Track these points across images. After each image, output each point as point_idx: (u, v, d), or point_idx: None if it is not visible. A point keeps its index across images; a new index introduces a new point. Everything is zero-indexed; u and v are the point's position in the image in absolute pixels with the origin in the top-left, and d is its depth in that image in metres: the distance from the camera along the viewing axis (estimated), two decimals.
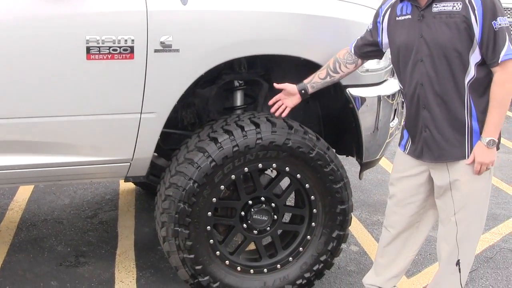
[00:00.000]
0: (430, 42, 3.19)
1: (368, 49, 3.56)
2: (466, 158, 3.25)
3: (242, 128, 3.65)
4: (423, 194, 3.54)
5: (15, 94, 3.30)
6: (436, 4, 3.17)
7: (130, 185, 5.87)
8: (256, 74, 4.11)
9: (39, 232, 4.94)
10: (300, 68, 3.95)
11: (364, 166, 4.21)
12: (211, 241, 3.77)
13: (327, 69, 3.65)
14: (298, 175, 3.81)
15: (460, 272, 3.48)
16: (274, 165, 3.76)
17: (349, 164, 5.39)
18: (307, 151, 3.73)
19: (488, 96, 3.16)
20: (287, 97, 3.76)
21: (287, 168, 3.78)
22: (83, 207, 5.46)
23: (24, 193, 5.67)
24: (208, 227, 3.73)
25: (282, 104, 3.77)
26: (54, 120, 3.41)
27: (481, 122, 3.20)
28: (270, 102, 3.81)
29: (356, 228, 5.21)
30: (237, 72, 4.01)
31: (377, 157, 4.27)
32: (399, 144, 3.58)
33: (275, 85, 3.76)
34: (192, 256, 3.71)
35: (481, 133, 3.20)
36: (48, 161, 3.52)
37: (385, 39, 3.47)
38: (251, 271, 3.94)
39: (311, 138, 3.77)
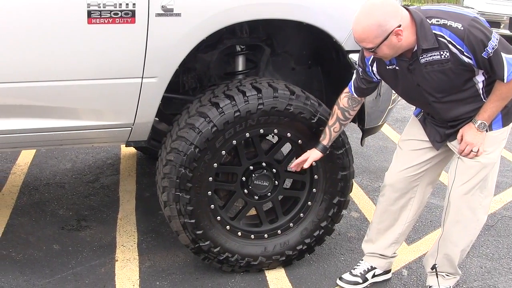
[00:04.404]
0: (431, 90, 3.26)
1: (366, 87, 3.54)
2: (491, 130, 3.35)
3: (243, 93, 3.64)
4: (429, 159, 3.60)
5: (17, 59, 3.28)
6: (422, 55, 3.16)
7: (131, 150, 5.87)
8: (258, 39, 4.08)
9: (41, 196, 4.96)
10: (302, 32, 3.92)
11: (366, 132, 4.20)
12: (212, 206, 3.78)
13: (338, 122, 3.63)
14: (300, 141, 3.80)
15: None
16: (275, 130, 3.75)
17: (351, 130, 5.38)
18: (309, 117, 3.72)
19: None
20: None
21: (288, 134, 3.77)
22: (84, 171, 5.47)
23: (26, 157, 5.68)
24: (209, 192, 3.74)
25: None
26: (56, 84, 3.39)
27: None
28: (296, 162, 3.74)
29: (357, 194, 5.22)
30: (239, 37, 3.98)
31: (379, 124, 4.26)
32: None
33: (305, 166, 3.72)
34: (193, 221, 3.72)
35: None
36: (50, 125, 3.51)
37: (380, 78, 3.48)
38: (252, 236, 3.95)
39: (313, 103, 3.75)
